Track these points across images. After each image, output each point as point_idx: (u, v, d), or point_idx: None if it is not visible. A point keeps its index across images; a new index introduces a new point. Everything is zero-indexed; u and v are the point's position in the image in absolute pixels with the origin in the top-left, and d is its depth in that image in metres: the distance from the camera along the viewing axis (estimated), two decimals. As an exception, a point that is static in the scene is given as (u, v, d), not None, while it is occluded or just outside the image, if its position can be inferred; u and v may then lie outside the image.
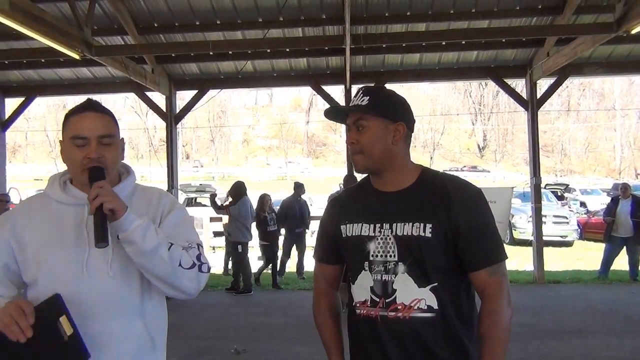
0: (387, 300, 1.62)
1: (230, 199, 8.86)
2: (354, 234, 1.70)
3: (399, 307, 1.61)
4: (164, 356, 1.71)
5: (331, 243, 1.80)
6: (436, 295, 1.60)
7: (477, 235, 1.61)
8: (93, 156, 1.57)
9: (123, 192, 1.63)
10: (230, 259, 9.59)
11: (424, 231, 1.59)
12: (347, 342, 1.81)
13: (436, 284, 1.60)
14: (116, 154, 1.64)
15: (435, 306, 1.60)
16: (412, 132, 1.73)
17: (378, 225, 1.66)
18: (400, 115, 1.69)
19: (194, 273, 1.60)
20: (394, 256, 1.62)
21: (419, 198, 1.65)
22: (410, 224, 1.61)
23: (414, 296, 1.60)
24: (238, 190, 8.77)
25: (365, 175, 1.79)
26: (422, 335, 1.60)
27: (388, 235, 1.63)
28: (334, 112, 1.78)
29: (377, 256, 1.65)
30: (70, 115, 1.63)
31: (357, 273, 1.70)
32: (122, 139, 1.70)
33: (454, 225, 1.59)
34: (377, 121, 1.65)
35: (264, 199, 9.20)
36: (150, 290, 1.64)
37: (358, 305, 1.70)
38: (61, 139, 1.65)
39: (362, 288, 1.68)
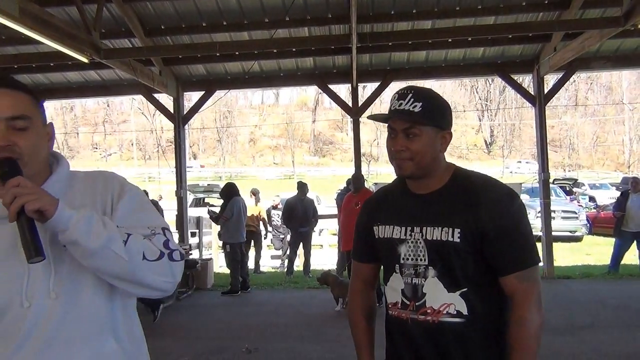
0: (417, 304, 1.62)
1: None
2: (385, 236, 1.70)
3: (429, 311, 1.60)
4: None
5: (365, 242, 1.79)
6: (466, 301, 1.58)
7: (506, 239, 1.56)
8: (0, 143, 1.24)
9: (57, 185, 1.32)
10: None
11: (453, 236, 1.57)
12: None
13: (466, 289, 1.58)
14: (36, 141, 1.29)
15: (465, 312, 1.58)
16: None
17: (409, 229, 1.65)
18: (448, 123, 1.65)
19: (164, 264, 1.29)
20: (424, 260, 1.61)
21: (449, 201, 1.62)
22: (440, 228, 1.59)
23: (444, 301, 1.59)
24: (229, 192, 8.81)
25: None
26: (451, 340, 1.59)
27: (418, 239, 1.62)
28: (380, 117, 1.68)
29: (407, 259, 1.64)
30: None
31: (389, 275, 1.70)
32: (50, 123, 1.38)
33: (482, 229, 1.56)
34: (429, 130, 1.59)
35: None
36: (112, 294, 1.33)
37: (390, 306, 1.71)
38: None
39: (394, 290, 1.69)
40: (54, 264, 1.25)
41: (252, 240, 10.88)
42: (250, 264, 11.29)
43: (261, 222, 11.11)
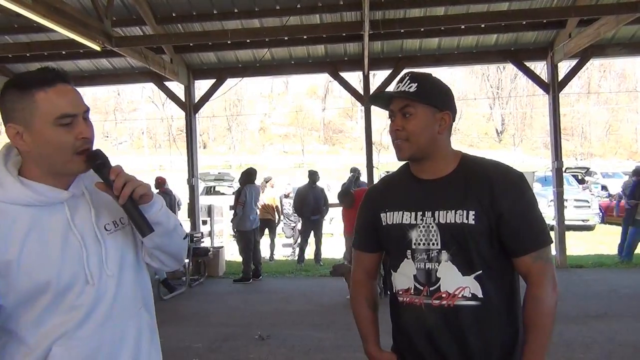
0: (431, 289, 1.61)
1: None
2: (394, 222, 1.69)
3: (443, 295, 1.60)
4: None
5: (370, 231, 1.78)
6: (481, 284, 1.58)
7: (520, 221, 1.58)
8: (88, 135, 1.34)
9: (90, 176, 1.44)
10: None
11: (467, 218, 1.57)
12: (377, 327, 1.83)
13: (481, 271, 1.58)
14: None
15: (480, 294, 1.58)
16: (454, 121, 1.70)
17: (420, 213, 1.64)
18: (446, 105, 1.66)
19: (186, 243, 1.61)
20: (437, 244, 1.61)
21: (460, 185, 1.62)
22: (454, 211, 1.59)
23: (458, 284, 1.59)
24: (243, 179, 8.85)
25: (404, 162, 1.76)
26: (467, 323, 1.58)
27: (430, 223, 1.62)
28: (379, 98, 1.74)
29: (419, 244, 1.63)
30: (34, 89, 1.30)
31: (399, 261, 1.68)
32: None
33: (497, 211, 1.57)
34: (424, 109, 1.62)
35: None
36: (142, 272, 1.54)
37: (401, 292, 1.69)
38: (15, 123, 1.30)
39: (405, 276, 1.67)
40: (105, 246, 1.40)
41: (267, 228, 10.92)
42: (265, 252, 11.36)
43: (275, 211, 11.15)
